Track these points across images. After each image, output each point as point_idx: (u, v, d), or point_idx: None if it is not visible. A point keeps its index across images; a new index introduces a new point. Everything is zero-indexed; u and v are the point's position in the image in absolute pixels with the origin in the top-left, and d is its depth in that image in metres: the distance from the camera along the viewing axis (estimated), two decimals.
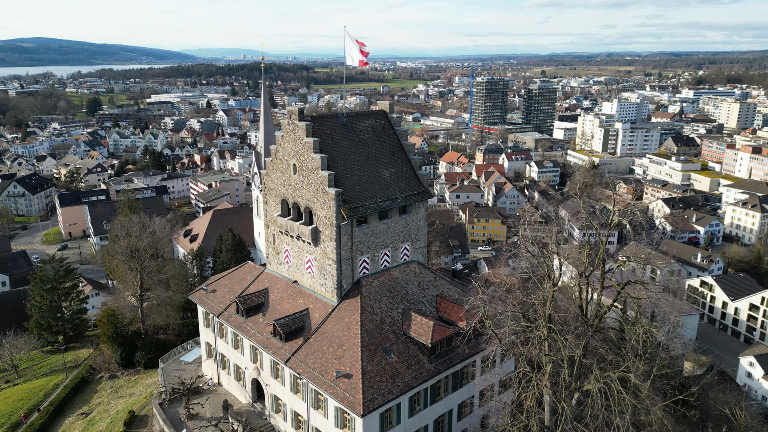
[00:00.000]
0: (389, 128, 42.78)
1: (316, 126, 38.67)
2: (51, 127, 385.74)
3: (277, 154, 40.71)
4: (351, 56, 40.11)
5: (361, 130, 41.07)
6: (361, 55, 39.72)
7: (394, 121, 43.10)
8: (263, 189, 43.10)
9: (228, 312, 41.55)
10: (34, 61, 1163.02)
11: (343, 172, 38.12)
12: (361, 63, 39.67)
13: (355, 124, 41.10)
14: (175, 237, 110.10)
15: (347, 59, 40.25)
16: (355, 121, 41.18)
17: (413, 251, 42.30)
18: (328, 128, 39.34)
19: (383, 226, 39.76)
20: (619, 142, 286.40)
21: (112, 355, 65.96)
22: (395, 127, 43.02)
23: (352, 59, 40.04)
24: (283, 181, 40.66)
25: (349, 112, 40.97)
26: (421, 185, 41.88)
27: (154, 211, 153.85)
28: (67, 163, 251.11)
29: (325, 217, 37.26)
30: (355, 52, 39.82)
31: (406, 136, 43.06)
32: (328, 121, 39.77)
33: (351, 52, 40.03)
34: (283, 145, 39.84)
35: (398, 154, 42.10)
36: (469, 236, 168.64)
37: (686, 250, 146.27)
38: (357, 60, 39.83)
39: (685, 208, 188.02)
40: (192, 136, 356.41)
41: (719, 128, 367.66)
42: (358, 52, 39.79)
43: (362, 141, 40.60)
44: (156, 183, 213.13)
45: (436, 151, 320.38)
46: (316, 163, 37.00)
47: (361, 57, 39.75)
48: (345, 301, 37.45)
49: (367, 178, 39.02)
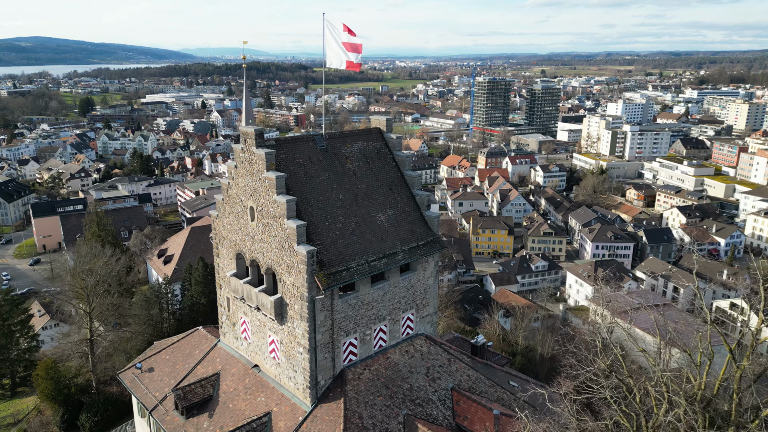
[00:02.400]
0: (386, 153, 31.43)
1: (283, 153, 27.33)
2: (40, 128, 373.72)
3: (230, 191, 29.33)
4: (334, 56, 28.82)
5: (347, 156, 29.71)
6: (349, 54, 28.43)
7: (393, 144, 31.72)
8: (213, 236, 31.76)
9: (164, 406, 30.20)
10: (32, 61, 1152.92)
11: (321, 218, 26.75)
12: (350, 65, 28.37)
13: (340, 148, 29.73)
14: (149, 257, 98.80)
15: (327, 60, 28.95)
16: (340, 145, 29.82)
17: (419, 321, 30.99)
18: (301, 155, 28.01)
19: (378, 293, 28.42)
20: (627, 144, 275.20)
21: (53, 416, 54.68)
22: (394, 151, 31.67)
23: (335, 60, 28.74)
24: (238, 229, 29.30)
25: (331, 133, 29.52)
26: (430, 232, 30.52)
27: (133, 223, 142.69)
28: (50, 168, 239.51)
29: (294, 285, 25.93)
30: (340, 51, 28.45)
31: (410, 162, 31.68)
32: (301, 146, 28.38)
33: (334, 50, 28.73)
34: (237, 180, 28.48)
35: (399, 188, 30.74)
36: (473, 248, 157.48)
37: (709, 266, 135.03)
38: (344, 61, 28.52)
39: (702, 217, 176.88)
40: (185, 138, 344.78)
41: (728, 130, 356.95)
42: (345, 50, 28.48)
43: (349, 172, 29.25)
44: (142, 189, 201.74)
45: (437, 153, 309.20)
46: (281, 208, 25.65)
47: (349, 57, 28.46)
48: (322, 406, 26.12)
49: (355, 226, 27.68)
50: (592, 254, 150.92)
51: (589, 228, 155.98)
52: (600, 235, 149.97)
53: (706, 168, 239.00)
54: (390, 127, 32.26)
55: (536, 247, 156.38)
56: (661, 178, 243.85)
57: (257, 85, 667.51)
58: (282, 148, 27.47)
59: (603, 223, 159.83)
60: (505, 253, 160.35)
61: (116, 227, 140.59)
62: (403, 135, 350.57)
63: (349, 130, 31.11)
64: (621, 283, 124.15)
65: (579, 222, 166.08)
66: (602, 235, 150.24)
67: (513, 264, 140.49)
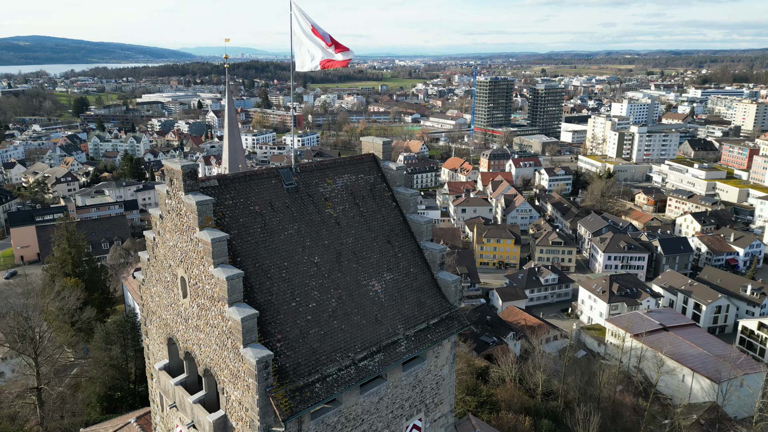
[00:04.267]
0: (383, 190, 22.55)
1: (230, 199, 18.44)
2: (31, 129, 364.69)
3: (156, 250, 20.49)
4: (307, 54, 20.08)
5: (327, 198, 20.82)
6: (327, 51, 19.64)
7: (392, 176, 22.82)
8: (141, 306, 22.95)
9: None
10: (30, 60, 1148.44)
11: (284, 297, 17.89)
12: (326, 63, 19.63)
13: (317, 186, 20.86)
14: (125, 276, 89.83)
15: (298, 62, 20.18)
16: (317, 181, 20.93)
17: (430, 426, 22.13)
18: (258, 200, 19.14)
19: (370, 400, 19.49)
20: (635, 147, 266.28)
21: None
22: (394, 186, 22.84)
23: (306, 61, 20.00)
24: (169, 305, 20.41)
25: (304, 164, 20.57)
26: (445, 302, 21.64)
27: (115, 233, 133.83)
28: (36, 171, 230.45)
29: (241, 405, 17.05)
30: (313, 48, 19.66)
31: (415, 203, 22.77)
32: (259, 186, 19.48)
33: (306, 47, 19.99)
34: (164, 237, 19.65)
35: (401, 241, 21.86)
36: (478, 258, 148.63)
37: (730, 279, 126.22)
38: (317, 60, 19.75)
39: (718, 225, 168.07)
40: (179, 139, 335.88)
41: (736, 131, 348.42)
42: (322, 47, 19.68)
43: (329, 221, 20.37)
44: (130, 194, 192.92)
45: (437, 155, 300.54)
46: (220, 288, 16.77)
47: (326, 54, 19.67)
48: None
49: (337, 304, 18.82)
50: (603, 265, 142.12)
51: (600, 237, 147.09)
52: (612, 245, 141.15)
53: (717, 171, 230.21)
54: (388, 152, 23.33)
55: (544, 257, 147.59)
56: (670, 182, 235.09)
57: (255, 84, 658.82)
58: (229, 191, 18.59)
59: (614, 232, 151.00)
60: (511, 264, 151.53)
61: (97, 238, 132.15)
62: (403, 136, 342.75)
63: (332, 159, 22.13)
64: (638, 299, 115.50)
65: (589, 230, 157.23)
66: (615, 245, 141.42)
67: (521, 277, 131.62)
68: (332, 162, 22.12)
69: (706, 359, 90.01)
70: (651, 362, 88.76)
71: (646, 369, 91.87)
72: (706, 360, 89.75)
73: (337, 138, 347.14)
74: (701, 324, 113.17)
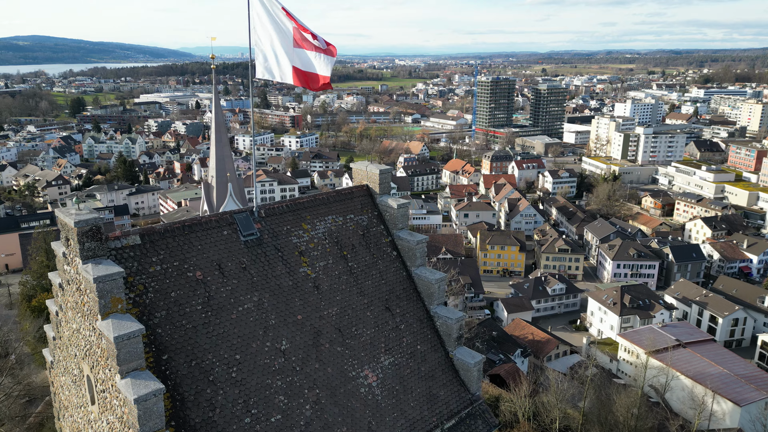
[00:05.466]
0: (379, 235, 16.83)
1: (156, 263, 12.73)
2: (25, 130, 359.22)
3: (60, 327, 14.76)
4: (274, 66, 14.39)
5: (302, 251, 15.15)
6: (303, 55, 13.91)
7: (393, 216, 17.07)
8: (53, 393, 17.20)
9: None
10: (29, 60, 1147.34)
11: (236, 412, 12.10)
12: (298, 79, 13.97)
13: (288, 234, 15.17)
14: None
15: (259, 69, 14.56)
16: (290, 228, 15.26)
17: None
18: (202, 262, 13.38)
19: None
20: (641, 148, 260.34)
21: None
22: (395, 229, 17.14)
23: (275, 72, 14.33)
24: (77, 405, 14.68)
25: (268, 205, 14.71)
26: (465, 392, 15.96)
27: None
28: (27, 174, 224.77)
29: None
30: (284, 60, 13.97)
31: (423, 251, 17.04)
32: (204, 240, 13.78)
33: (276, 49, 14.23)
34: (67, 315, 13.93)
35: (404, 306, 16.10)
36: (481, 266, 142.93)
37: (747, 289, 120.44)
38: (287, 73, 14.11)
39: (729, 230, 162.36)
40: (175, 140, 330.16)
41: (742, 131, 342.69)
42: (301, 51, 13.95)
43: (304, 286, 14.66)
44: (122, 198, 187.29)
45: (438, 156, 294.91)
46: (131, 413, 10.97)
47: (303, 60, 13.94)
48: None
49: (311, 416, 13.04)
50: (612, 273, 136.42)
51: (608, 244, 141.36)
52: (621, 252, 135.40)
53: (726, 173, 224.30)
54: (387, 183, 17.59)
55: (550, 265, 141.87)
56: (677, 184, 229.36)
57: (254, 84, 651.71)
58: (157, 251, 12.89)
59: (623, 238, 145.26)
60: (516, 272, 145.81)
61: None
62: (403, 137, 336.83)
63: (310, 195, 16.42)
64: (651, 312, 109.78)
65: (596, 236, 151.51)
66: (624, 252, 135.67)
67: (527, 287, 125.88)
68: (311, 199, 16.37)
69: (728, 379, 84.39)
70: (668, 382, 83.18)
71: (661, 388, 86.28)
72: (727, 380, 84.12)
73: (336, 139, 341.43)
74: (717, 337, 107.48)
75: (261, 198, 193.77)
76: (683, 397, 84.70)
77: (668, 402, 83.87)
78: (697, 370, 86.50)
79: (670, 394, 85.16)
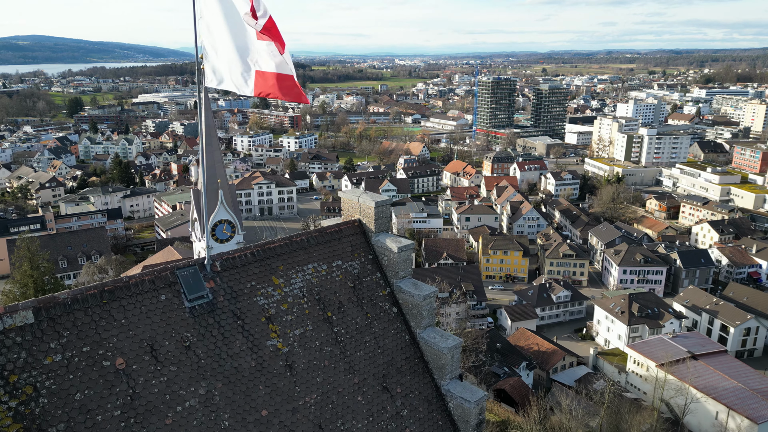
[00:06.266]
0: (374, 286, 13.06)
1: (61, 350, 8.98)
2: (22, 130, 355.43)
3: None
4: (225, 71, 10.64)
5: (270, 316, 11.34)
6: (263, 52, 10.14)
7: (392, 261, 13.30)
8: None
9: None
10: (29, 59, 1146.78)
11: None
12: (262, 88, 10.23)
13: (252, 294, 11.40)
14: None
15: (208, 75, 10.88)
16: (254, 285, 11.50)
17: None
18: (127, 344, 9.61)
19: None
20: (644, 149, 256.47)
21: None
22: (395, 279, 13.29)
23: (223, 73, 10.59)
24: None
25: (226, 255, 10.73)
26: None
27: (93, 247, 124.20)
28: (21, 176, 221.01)
29: None
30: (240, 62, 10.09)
31: (431, 309, 13.23)
32: (131, 311, 9.96)
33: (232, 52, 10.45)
34: None
35: (406, 384, 12.34)
36: (483, 271, 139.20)
37: (758, 297, 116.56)
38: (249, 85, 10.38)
39: (737, 234, 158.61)
40: (173, 141, 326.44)
41: (746, 132, 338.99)
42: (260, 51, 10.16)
43: (272, 365, 10.88)
44: (117, 201, 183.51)
45: (439, 158, 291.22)
46: None
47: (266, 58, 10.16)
48: None
49: None
50: (618, 279, 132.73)
51: (614, 249, 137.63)
52: (628, 258, 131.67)
53: (731, 175, 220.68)
54: (384, 219, 13.80)
55: (554, 271, 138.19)
56: (682, 186, 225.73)
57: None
58: (59, 332, 9.11)
59: (629, 243, 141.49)
60: (519, 278, 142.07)
61: (74, 252, 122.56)
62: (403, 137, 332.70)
63: (284, 238, 12.56)
64: (660, 321, 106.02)
65: (601, 241, 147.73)
66: (630, 257, 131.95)
67: (531, 294, 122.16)
68: (285, 243, 12.56)
69: (743, 394, 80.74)
70: (680, 397, 79.48)
71: (673, 403, 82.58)
72: (742, 395, 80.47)
73: (335, 140, 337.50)
74: (729, 348, 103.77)
75: (258, 201, 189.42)
76: (696, 410, 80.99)
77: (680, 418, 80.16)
78: (711, 384, 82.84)
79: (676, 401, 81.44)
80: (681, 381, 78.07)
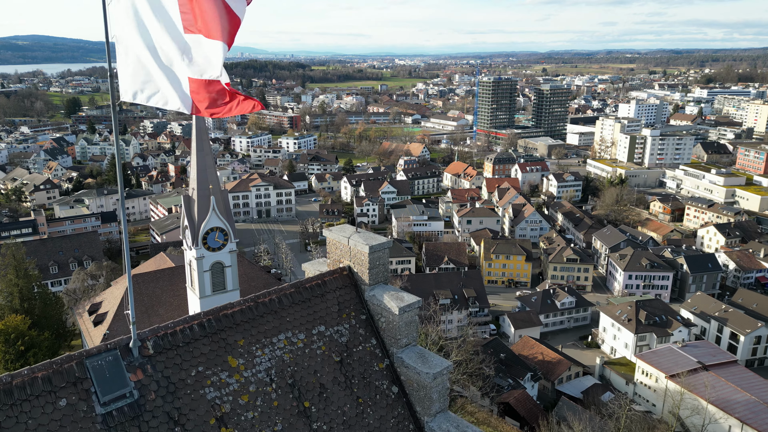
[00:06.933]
0: (368, 357, 9.90)
1: None
2: (19, 131, 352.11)
3: None
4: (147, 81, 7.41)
5: (222, 417, 8.12)
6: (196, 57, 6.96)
7: (392, 325, 10.14)
8: None
9: None
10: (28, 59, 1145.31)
11: None
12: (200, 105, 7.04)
13: (199, 386, 8.20)
14: (80, 312, 76.96)
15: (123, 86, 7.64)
16: (203, 371, 8.31)
17: None
18: None
19: None
20: (647, 150, 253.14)
21: None
22: (395, 347, 10.10)
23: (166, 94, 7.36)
24: None
25: (161, 330, 7.41)
26: None
27: (85, 252, 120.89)
28: (15, 177, 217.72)
29: None
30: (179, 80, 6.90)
31: (443, 390, 10.11)
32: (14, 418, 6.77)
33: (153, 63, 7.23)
34: None
35: None
36: (485, 276, 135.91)
37: (765, 301, 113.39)
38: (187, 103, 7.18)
39: (744, 237, 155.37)
40: (171, 142, 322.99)
41: (749, 133, 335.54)
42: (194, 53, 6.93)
43: None
44: (112, 204, 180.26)
45: (439, 158, 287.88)
46: None
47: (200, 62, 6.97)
48: None
49: None
50: (624, 285, 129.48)
51: (619, 253, 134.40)
52: (633, 263, 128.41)
53: (736, 177, 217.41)
54: (381, 268, 10.61)
55: (558, 275, 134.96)
56: (685, 188, 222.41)
57: (253, 84, 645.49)
58: None
59: (634, 247, 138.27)
60: (522, 282, 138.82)
61: (65, 258, 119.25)
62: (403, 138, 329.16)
63: (246, 298, 9.27)
64: (668, 329, 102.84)
65: (606, 244, 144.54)
66: (636, 262, 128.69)
67: (534, 300, 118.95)
68: (249, 305, 9.44)
69: (756, 407, 77.56)
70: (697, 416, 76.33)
71: (688, 422, 79.39)
72: (756, 408, 77.29)
73: (335, 140, 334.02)
74: (739, 356, 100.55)
75: (256, 203, 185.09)
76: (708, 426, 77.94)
77: None
78: (723, 396, 79.65)
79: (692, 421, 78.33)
80: (698, 397, 74.72)
